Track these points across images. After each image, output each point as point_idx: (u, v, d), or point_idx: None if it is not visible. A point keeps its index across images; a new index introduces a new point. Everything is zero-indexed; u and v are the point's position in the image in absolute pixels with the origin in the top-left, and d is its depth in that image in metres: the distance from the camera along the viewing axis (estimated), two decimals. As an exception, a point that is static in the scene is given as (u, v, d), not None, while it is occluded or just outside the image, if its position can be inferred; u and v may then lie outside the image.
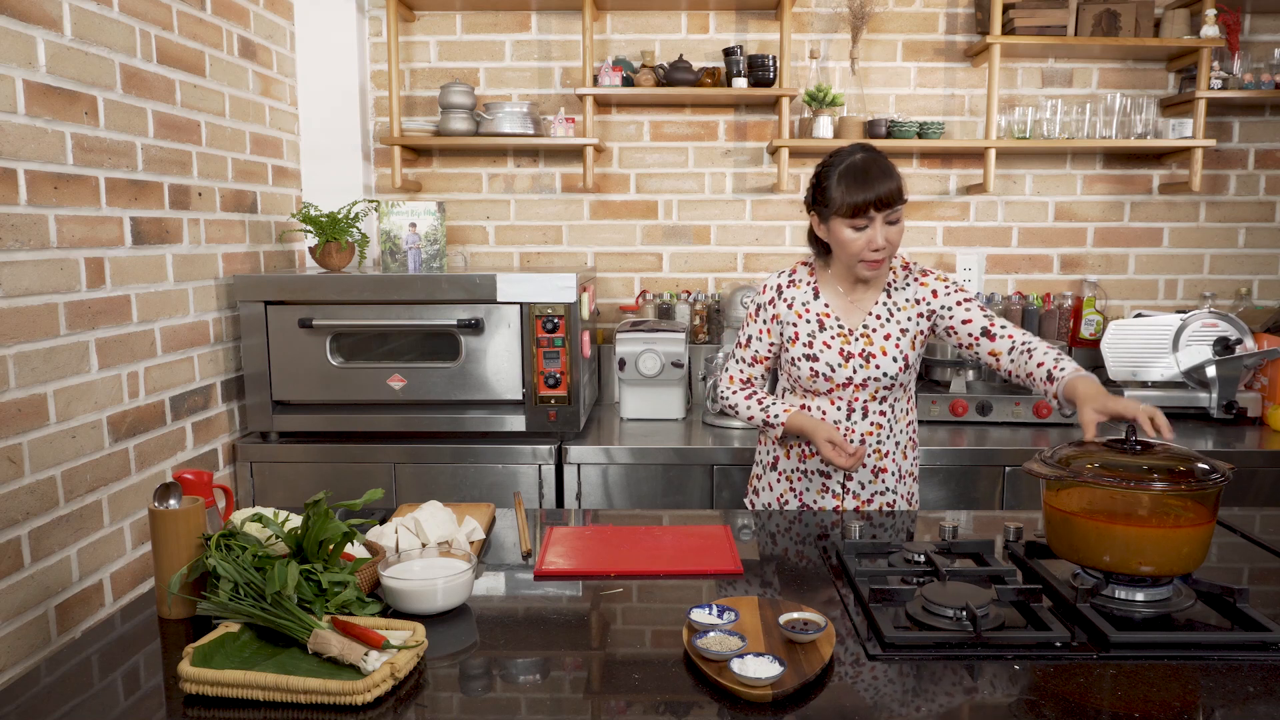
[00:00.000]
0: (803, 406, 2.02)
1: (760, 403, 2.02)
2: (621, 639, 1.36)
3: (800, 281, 2.03)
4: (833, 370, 1.96)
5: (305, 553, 1.41)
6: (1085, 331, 3.24)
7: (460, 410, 2.70)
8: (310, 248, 2.84)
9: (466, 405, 2.70)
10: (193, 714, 1.15)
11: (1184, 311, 3.04)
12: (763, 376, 2.09)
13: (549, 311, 2.61)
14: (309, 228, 2.76)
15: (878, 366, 1.95)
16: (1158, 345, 2.98)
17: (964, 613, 1.33)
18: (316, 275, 2.66)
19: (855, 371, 1.96)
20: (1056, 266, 3.37)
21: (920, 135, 3.13)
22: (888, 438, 2.02)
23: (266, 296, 2.63)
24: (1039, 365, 1.84)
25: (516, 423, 2.68)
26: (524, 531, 1.81)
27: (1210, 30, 2.99)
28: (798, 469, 2.05)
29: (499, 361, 2.65)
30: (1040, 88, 3.28)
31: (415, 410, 2.69)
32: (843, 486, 2.04)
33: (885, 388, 1.98)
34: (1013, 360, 1.91)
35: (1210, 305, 3.11)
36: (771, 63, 3.10)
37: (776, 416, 1.99)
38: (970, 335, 1.95)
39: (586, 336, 2.79)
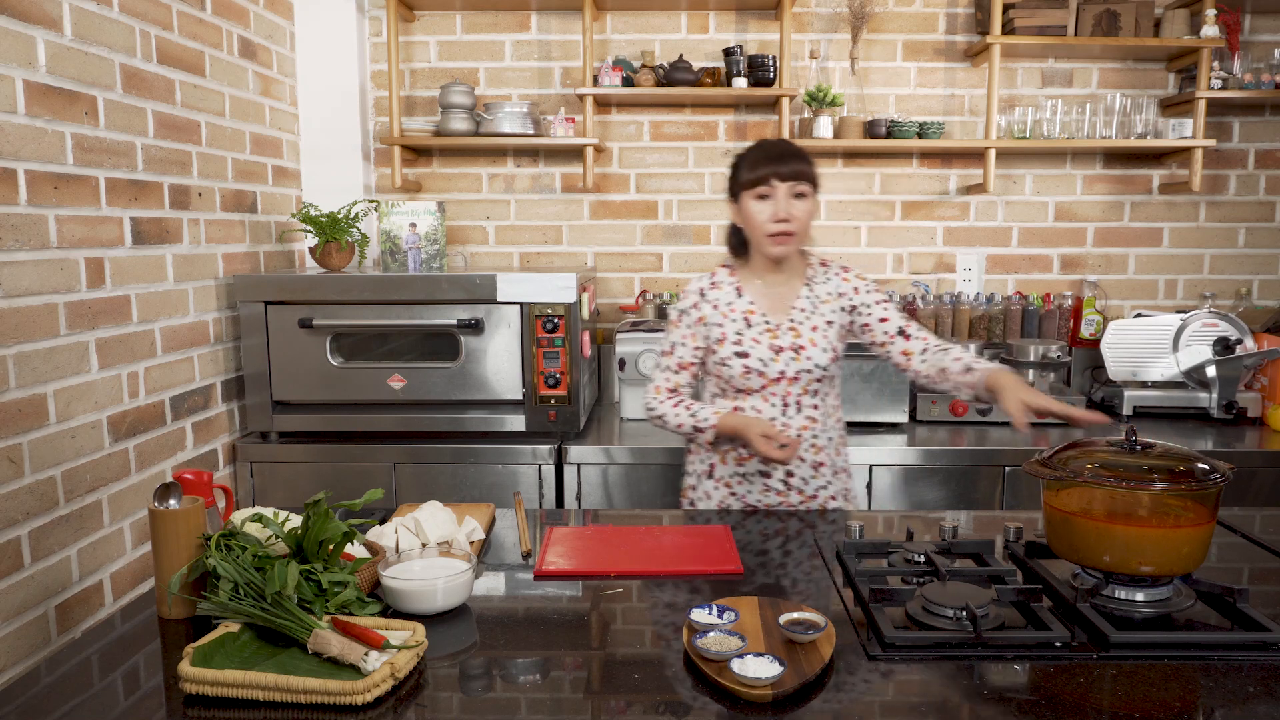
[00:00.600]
0: (735, 408, 2.01)
1: (688, 409, 2.00)
2: (621, 639, 1.36)
3: (722, 283, 2.05)
4: (765, 365, 1.97)
5: (305, 553, 1.41)
6: (1085, 331, 3.24)
7: (460, 410, 2.70)
8: (310, 248, 2.84)
9: (466, 405, 2.70)
10: (193, 714, 1.15)
11: (1184, 311, 3.04)
12: (688, 385, 2.06)
13: (549, 311, 2.61)
14: (309, 228, 2.77)
15: (809, 358, 1.97)
16: (1158, 345, 2.98)
17: (964, 613, 1.33)
18: (316, 275, 2.66)
19: (787, 365, 1.97)
20: (1056, 266, 3.37)
21: (920, 135, 3.13)
22: (821, 432, 2.03)
23: (266, 296, 2.63)
24: (955, 360, 1.92)
25: (516, 423, 2.68)
26: (524, 531, 1.81)
27: (1210, 30, 2.99)
28: (736, 473, 2.04)
29: (499, 361, 2.65)
30: (1040, 88, 3.28)
31: (415, 410, 2.69)
32: (785, 484, 2.03)
33: (816, 380, 2.00)
34: (924, 360, 1.99)
35: (1210, 305, 3.11)
36: (771, 63, 3.10)
37: (706, 420, 1.96)
38: (886, 334, 2.02)
39: (586, 336, 2.79)
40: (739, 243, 2.05)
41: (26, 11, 1.87)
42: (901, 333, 2.01)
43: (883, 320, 2.02)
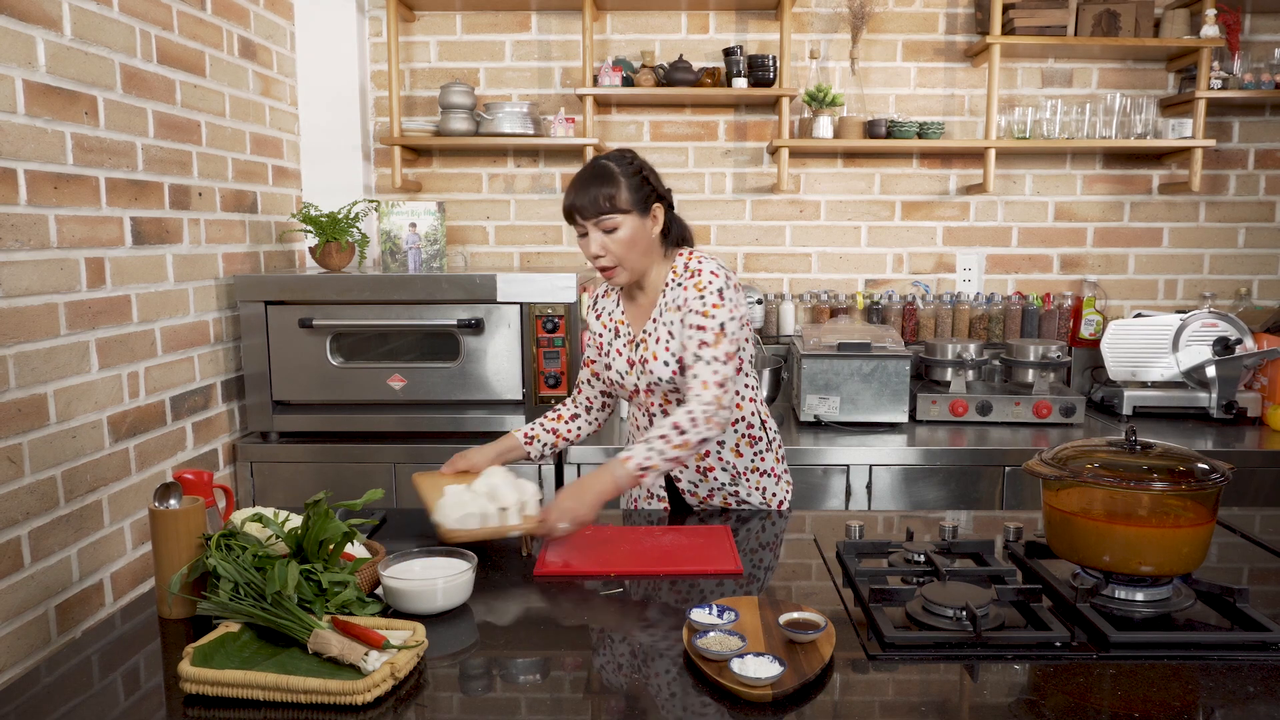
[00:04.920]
0: (630, 413, 2.05)
1: (540, 418, 2.10)
2: (621, 639, 1.36)
3: (611, 292, 2.04)
4: (622, 378, 1.97)
5: (305, 553, 1.41)
6: (1085, 331, 3.24)
7: (460, 410, 2.70)
8: (310, 248, 2.84)
9: (466, 405, 2.70)
10: (193, 714, 1.15)
11: (1184, 311, 3.04)
12: (589, 381, 2.09)
13: (549, 311, 2.61)
14: (309, 228, 2.77)
15: (651, 371, 1.90)
16: (1158, 345, 2.98)
17: (964, 613, 1.33)
18: (316, 275, 2.66)
19: (639, 378, 1.94)
20: (1056, 266, 3.37)
21: (920, 135, 3.13)
22: None
23: (266, 296, 2.63)
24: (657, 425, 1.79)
25: (516, 423, 2.68)
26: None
27: (1210, 30, 2.99)
28: None
29: (499, 361, 2.65)
30: (1040, 88, 3.28)
31: (415, 410, 2.69)
32: (673, 489, 2.02)
33: (669, 390, 1.91)
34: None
35: (1210, 305, 3.11)
36: (771, 63, 3.10)
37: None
38: (680, 362, 1.87)
39: (586, 336, 2.79)
40: None
41: (26, 11, 1.87)
42: (682, 366, 1.85)
43: (683, 347, 1.84)
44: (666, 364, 1.88)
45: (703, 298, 1.83)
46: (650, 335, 1.92)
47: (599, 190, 1.80)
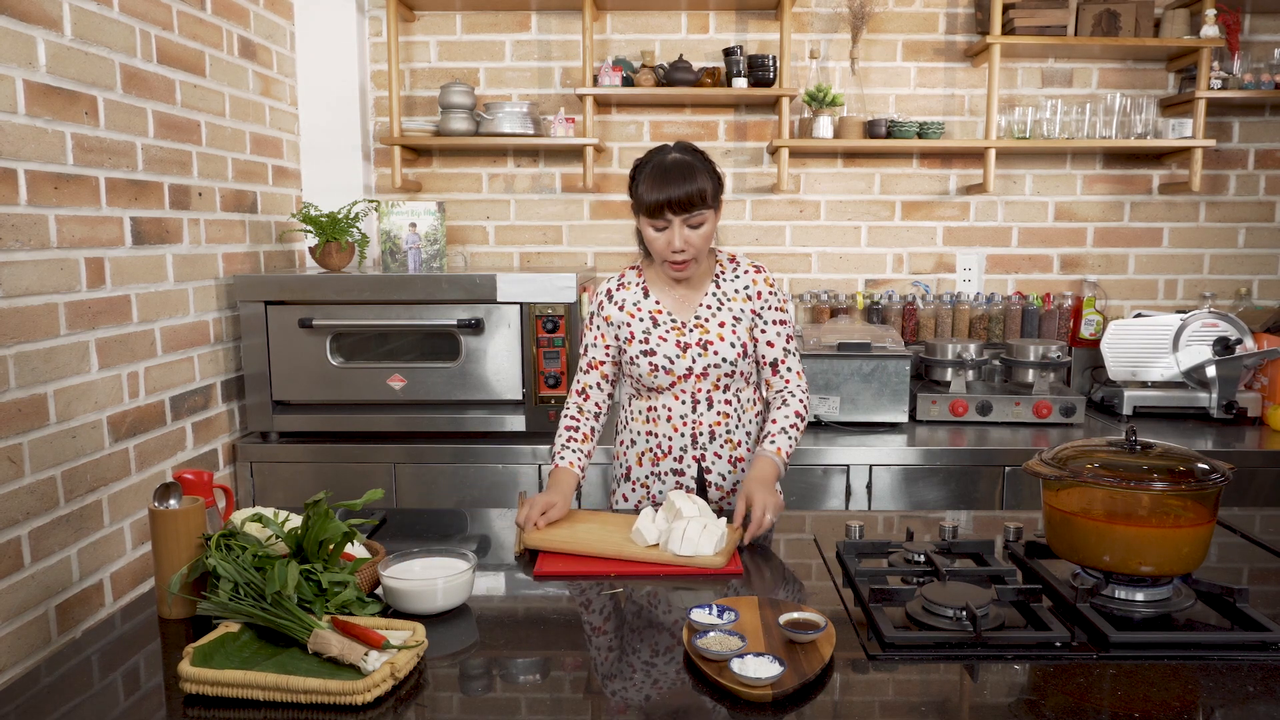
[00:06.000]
0: (650, 407, 2.03)
1: (567, 440, 2.00)
2: (621, 639, 1.36)
3: (630, 284, 2.05)
4: (671, 362, 1.97)
5: (305, 553, 1.41)
6: (1085, 331, 3.24)
7: (460, 410, 2.70)
8: (310, 248, 2.84)
9: (466, 405, 2.70)
10: (193, 714, 1.15)
11: (1184, 311, 3.04)
12: (598, 385, 2.05)
13: (549, 311, 2.61)
14: (309, 228, 2.77)
15: (716, 353, 1.96)
16: (1158, 345, 2.98)
17: (964, 613, 1.33)
18: (316, 275, 2.66)
19: (694, 361, 1.97)
20: (1056, 266, 3.37)
21: (920, 135, 3.13)
22: (737, 427, 2.02)
23: (266, 296, 2.63)
24: (771, 420, 1.98)
25: (516, 423, 2.68)
26: (522, 532, 1.81)
27: (1210, 30, 2.99)
28: (651, 473, 2.05)
29: (499, 361, 2.65)
30: (1040, 88, 3.28)
31: (415, 410, 2.69)
32: (701, 480, 2.03)
33: (726, 375, 1.99)
34: (769, 401, 2.04)
35: (1210, 305, 3.11)
36: (771, 63, 3.10)
37: (556, 460, 1.98)
38: (762, 358, 2.03)
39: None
40: (646, 245, 2.02)
41: (26, 11, 1.87)
42: (773, 366, 2.01)
43: (769, 345, 2.01)
44: (733, 345, 1.98)
45: (775, 294, 2.02)
46: (707, 321, 1.99)
47: (695, 186, 1.85)
